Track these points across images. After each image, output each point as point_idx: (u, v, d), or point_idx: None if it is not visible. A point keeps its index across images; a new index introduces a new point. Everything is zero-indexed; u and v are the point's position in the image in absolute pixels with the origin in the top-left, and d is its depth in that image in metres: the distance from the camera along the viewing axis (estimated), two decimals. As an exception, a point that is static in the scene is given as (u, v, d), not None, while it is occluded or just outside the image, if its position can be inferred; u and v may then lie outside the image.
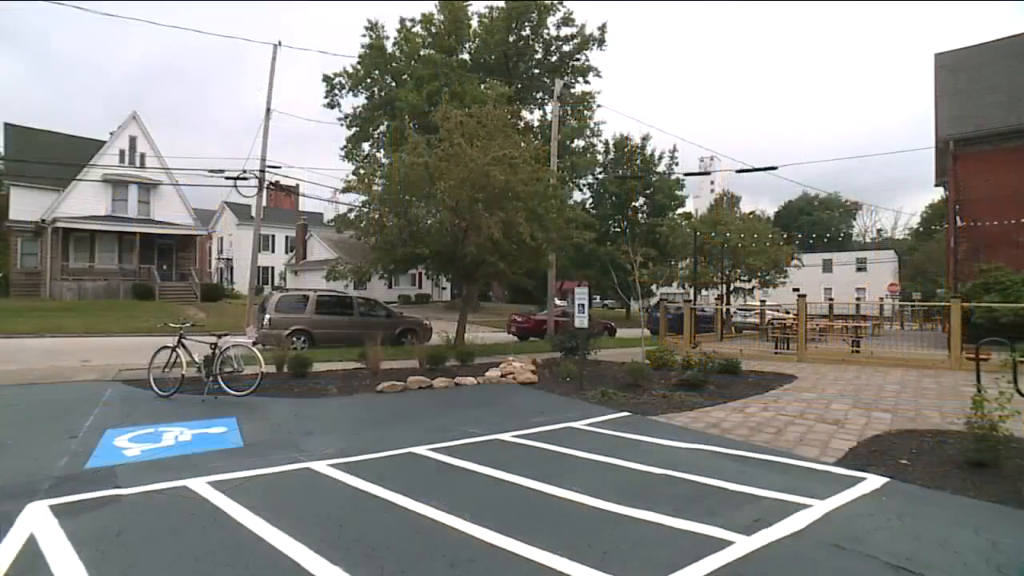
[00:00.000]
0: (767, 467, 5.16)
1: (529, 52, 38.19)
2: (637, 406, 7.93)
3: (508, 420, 6.98)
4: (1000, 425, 5.08)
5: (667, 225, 34.04)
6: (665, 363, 10.79)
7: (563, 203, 15.34)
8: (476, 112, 15.10)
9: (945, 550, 3.45)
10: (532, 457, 5.52)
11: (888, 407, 7.75)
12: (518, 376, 10.28)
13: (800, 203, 73.36)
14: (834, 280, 54.74)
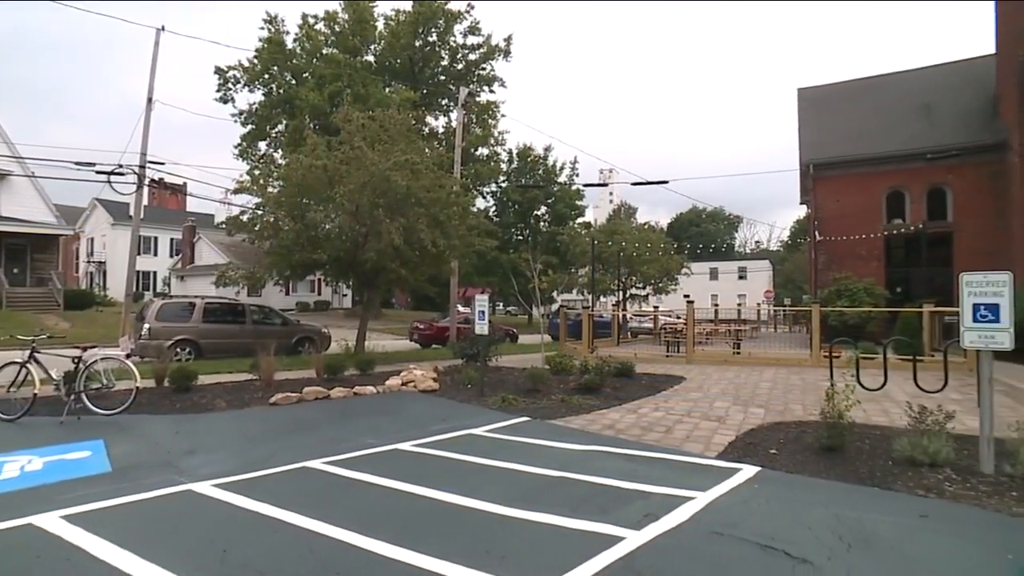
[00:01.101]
0: (657, 464, 5.49)
1: (435, 58, 38.07)
2: (536, 411, 8.11)
3: (408, 429, 6.88)
4: (846, 414, 5.79)
5: (567, 234, 35.35)
6: (564, 368, 11.14)
7: (466, 210, 15.41)
8: (379, 116, 14.83)
9: (802, 526, 3.86)
10: (431, 466, 5.48)
11: (762, 403, 8.51)
12: (419, 384, 10.17)
13: (690, 215, 78.91)
14: (720, 287, 59.34)
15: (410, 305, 55.47)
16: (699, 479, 4.88)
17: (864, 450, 5.71)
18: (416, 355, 16.64)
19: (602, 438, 6.59)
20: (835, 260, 18.33)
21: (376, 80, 33.84)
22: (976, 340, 5.06)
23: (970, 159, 16.80)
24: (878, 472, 5.08)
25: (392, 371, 11.55)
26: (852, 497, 4.53)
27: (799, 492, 4.66)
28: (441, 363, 13.56)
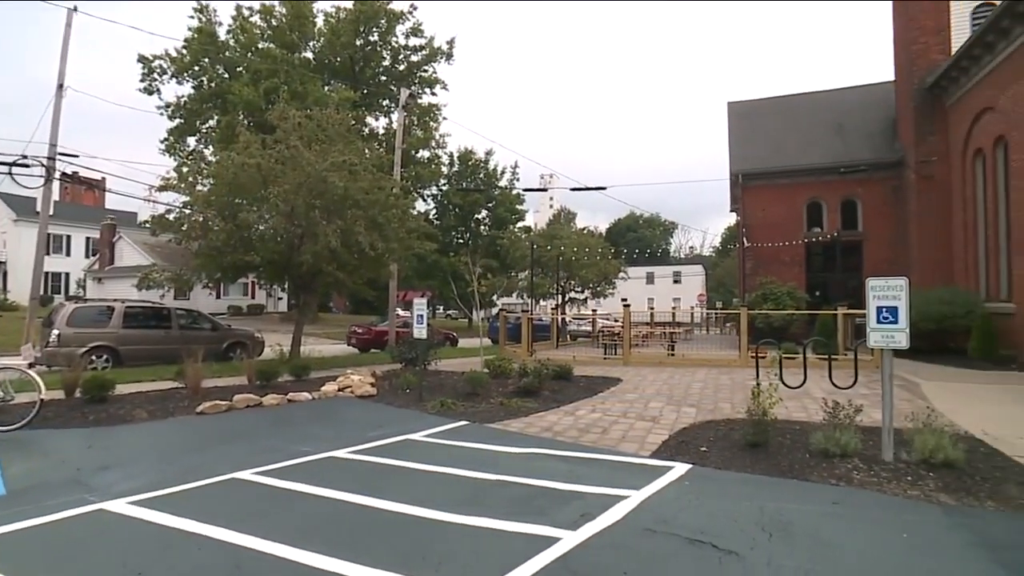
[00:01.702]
0: (594, 465, 5.61)
1: (377, 58, 37.38)
2: (475, 415, 8.11)
3: (344, 436, 6.72)
4: (770, 411, 6.13)
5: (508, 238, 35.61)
6: (503, 371, 11.19)
7: (405, 212, 15.22)
8: (317, 115, 14.43)
9: (729, 519, 4.05)
10: (367, 473, 5.38)
11: (694, 402, 8.85)
12: (356, 390, 9.95)
13: (628, 221, 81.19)
14: (656, 291, 61.34)
15: (348, 309, 54.18)
16: (634, 478, 5.02)
17: (785, 444, 6.05)
18: (354, 360, 16.27)
19: (540, 440, 6.67)
20: (762, 265, 19.38)
21: (315, 78, 32.87)
22: (879, 340, 5.49)
23: (876, 174, 18.21)
24: (797, 465, 5.41)
25: (329, 377, 11.24)
26: (774, 489, 4.79)
27: (727, 487, 4.89)
28: (379, 368, 13.31)
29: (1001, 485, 4.79)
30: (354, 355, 18.52)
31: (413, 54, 37.32)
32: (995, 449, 5.81)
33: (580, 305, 37.26)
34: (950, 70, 14.99)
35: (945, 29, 16.29)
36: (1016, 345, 12.23)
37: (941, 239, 15.92)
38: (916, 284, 15.00)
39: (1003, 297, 13.30)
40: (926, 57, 16.22)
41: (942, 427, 5.68)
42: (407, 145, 29.99)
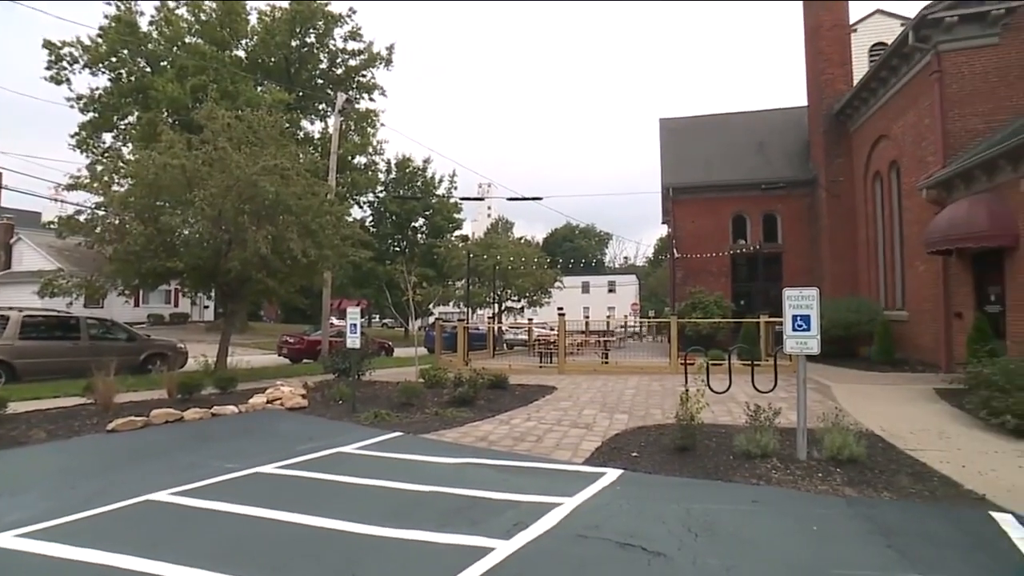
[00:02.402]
0: (527, 473, 5.65)
1: (313, 60, 36.31)
2: (410, 425, 8.00)
3: (272, 450, 6.44)
4: (697, 416, 6.40)
5: (445, 246, 35.44)
6: (438, 381, 11.10)
7: (340, 219, 14.84)
8: (248, 116, 13.86)
9: (658, 522, 4.18)
10: (296, 488, 5.18)
11: (626, 409, 9.09)
12: (286, 402, 9.59)
13: (564, 231, 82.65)
14: (591, 300, 62.58)
15: (280, 318, 52.17)
16: (567, 485, 5.10)
17: (712, 447, 6.33)
18: (285, 371, 15.66)
19: (475, 450, 6.65)
20: (691, 276, 20.25)
21: (247, 78, 31.49)
22: (795, 346, 5.87)
23: (793, 191, 19.49)
24: (722, 466, 5.67)
25: (257, 388, 10.76)
26: (701, 491, 5.00)
27: (656, 490, 5.05)
28: (311, 379, 12.89)
29: (895, 476, 5.23)
30: (285, 366, 17.82)
31: (351, 58, 36.59)
32: (891, 444, 6.34)
33: (517, 314, 37.53)
34: (852, 100, 16.33)
35: (848, 63, 17.77)
36: (909, 349, 13.40)
37: (848, 252, 17.23)
38: (828, 294, 16.23)
39: (898, 306, 14.54)
40: (833, 87, 17.60)
41: (848, 426, 6.14)
42: (343, 151, 29.32)
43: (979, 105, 11.56)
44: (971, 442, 6.39)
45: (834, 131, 17.68)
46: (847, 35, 18.11)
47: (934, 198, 12.16)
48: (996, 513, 4.33)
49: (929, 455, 5.86)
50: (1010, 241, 9.95)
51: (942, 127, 11.81)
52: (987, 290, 10.98)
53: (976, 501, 4.65)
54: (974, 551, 3.72)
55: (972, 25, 11.52)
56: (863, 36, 19.44)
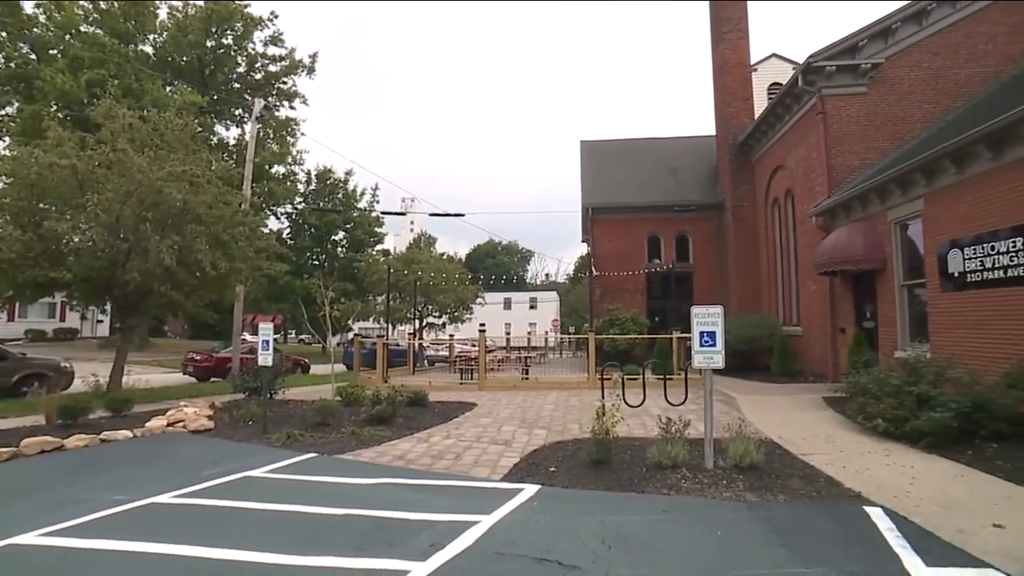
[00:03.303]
0: (445, 492, 5.59)
1: (230, 63, 34.49)
2: (325, 445, 7.72)
3: (171, 478, 5.97)
4: (612, 430, 6.61)
5: (365, 261, 34.64)
6: (356, 399, 10.79)
7: (254, 231, 14.13)
8: (154, 117, 12.97)
9: (573, 536, 4.26)
10: (197, 518, 4.83)
11: (545, 424, 9.22)
12: (190, 424, 8.95)
13: (487, 248, 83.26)
14: (513, 316, 63.19)
15: (187, 333, 48.81)
16: (485, 502, 5.09)
17: (626, 460, 6.53)
18: (190, 390, 14.61)
19: (392, 470, 6.51)
20: (609, 293, 20.97)
21: (154, 76, 29.41)
22: (702, 361, 6.23)
23: (703, 214, 20.78)
24: (635, 478, 5.87)
25: (157, 410, 9.99)
26: (615, 503, 5.15)
27: (573, 504, 5.15)
28: (219, 398, 12.11)
29: (789, 480, 5.66)
30: (190, 385, 16.62)
31: (272, 64, 35.17)
32: (787, 450, 6.85)
33: (438, 330, 37.23)
34: (754, 132, 17.74)
35: (750, 98, 19.33)
36: (804, 361, 14.57)
37: (752, 272, 18.55)
38: (734, 311, 17.37)
39: (794, 321, 15.80)
40: (737, 119, 19.04)
41: (750, 435, 6.58)
42: (260, 159, 28.10)
43: (855, 144, 12.92)
44: (851, 444, 7.03)
45: (739, 160, 19.09)
46: (749, 74, 19.70)
47: (821, 224, 13.39)
48: (868, 507, 4.80)
49: (818, 458, 6.39)
50: (880, 264, 11.14)
51: (827, 161, 13.07)
52: (864, 308, 12.18)
53: (853, 498, 5.13)
54: (851, 543, 4.10)
55: (847, 75, 12.92)
56: (763, 75, 21.25)
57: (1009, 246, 7.93)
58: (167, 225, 11.47)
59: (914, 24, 12.77)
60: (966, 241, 8.75)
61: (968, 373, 7.22)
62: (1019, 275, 7.75)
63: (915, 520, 4.45)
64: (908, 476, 5.64)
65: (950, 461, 6.12)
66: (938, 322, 9.53)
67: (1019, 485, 5.24)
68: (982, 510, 4.63)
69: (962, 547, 3.94)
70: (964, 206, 8.90)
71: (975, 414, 6.63)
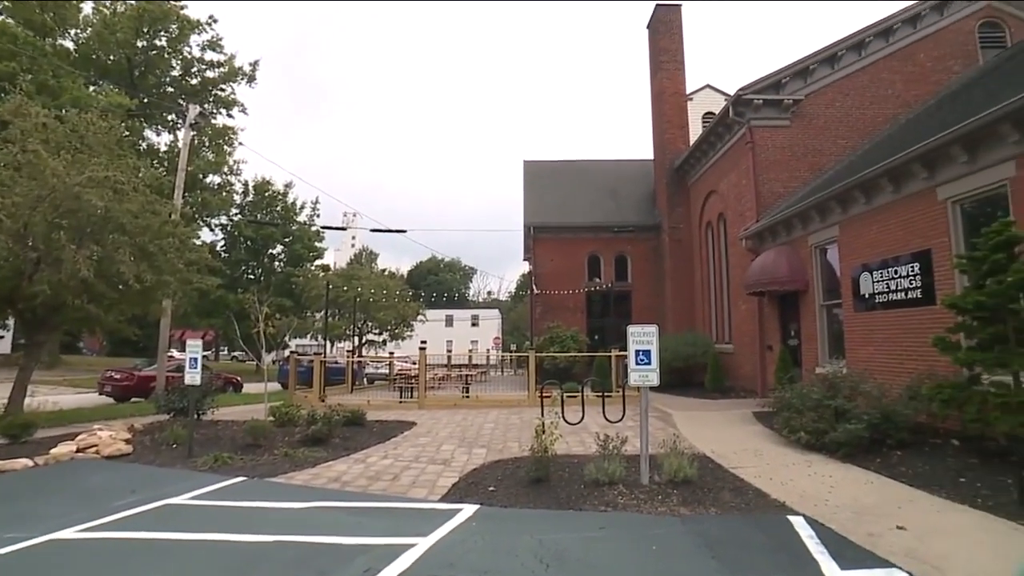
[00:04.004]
0: (382, 514, 5.45)
1: (164, 66, 32.85)
2: (255, 468, 7.38)
3: (77, 510, 5.51)
4: (551, 448, 6.65)
5: (303, 276, 33.64)
6: (291, 419, 10.39)
7: (184, 242, 13.45)
8: (74, 118, 12.16)
9: (511, 555, 4.25)
10: (106, 554, 4.46)
11: (485, 443, 9.17)
12: (104, 449, 8.33)
13: (429, 264, 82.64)
14: (455, 334, 62.75)
15: (105, 350, 45.66)
16: (422, 524, 5.00)
17: (565, 478, 6.59)
18: (106, 412, 13.59)
19: (327, 492, 6.29)
20: (549, 311, 21.23)
21: (75, 74, 27.58)
22: (637, 379, 6.40)
23: (641, 235, 21.49)
24: (573, 496, 5.93)
25: (65, 435, 9.23)
26: (553, 521, 5.18)
27: (511, 524, 5.14)
28: (140, 420, 11.37)
29: (720, 493, 5.87)
30: (107, 406, 15.47)
31: (209, 69, 33.84)
32: (718, 464, 7.11)
33: (378, 348, 36.47)
34: (689, 158, 18.61)
35: (686, 125, 20.30)
36: (736, 377, 15.22)
37: (687, 292, 19.29)
38: (670, 329, 17.97)
39: (726, 339, 16.52)
40: (674, 145, 19.92)
41: (684, 450, 6.79)
42: (194, 168, 26.90)
43: (780, 173, 13.80)
44: (777, 457, 7.38)
45: (675, 183, 19.92)
46: (685, 102, 20.69)
47: (750, 247, 14.14)
48: (792, 516, 5.06)
49: (747, 471, 6.66)
50: (802, 286, 11.88)
51: (755, 188, 13.86)
52: (789, 327, 12.91)
53: (778, 508, 5.38)
54: (776, 552, 4.30)
55: (772, 108, 13.85)
56: (698, 105, 22.39)
57: (908, 270, 8.66)
58: (85, 234, 10.72)
59: (828, 67, 13.87)
60: (874, 265, 9.48)
61: (877, 387, 7.78)
62: (917, 297, 8.47)
63: (832, 526, 4.72)
64: (827, 485, 5.98)
65: (862, 469, 6.55)
66: (852, 339, 10.22)
67: (918, 489, 5.70)
68: (888, 514, 4.98)
69: (872, 549, 4.21)
70: (872, 233, 9.65)
71: (883, 425, 7.14)
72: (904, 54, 13.88)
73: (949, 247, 7.90)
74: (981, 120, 7.03)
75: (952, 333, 6.27)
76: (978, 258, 5.86)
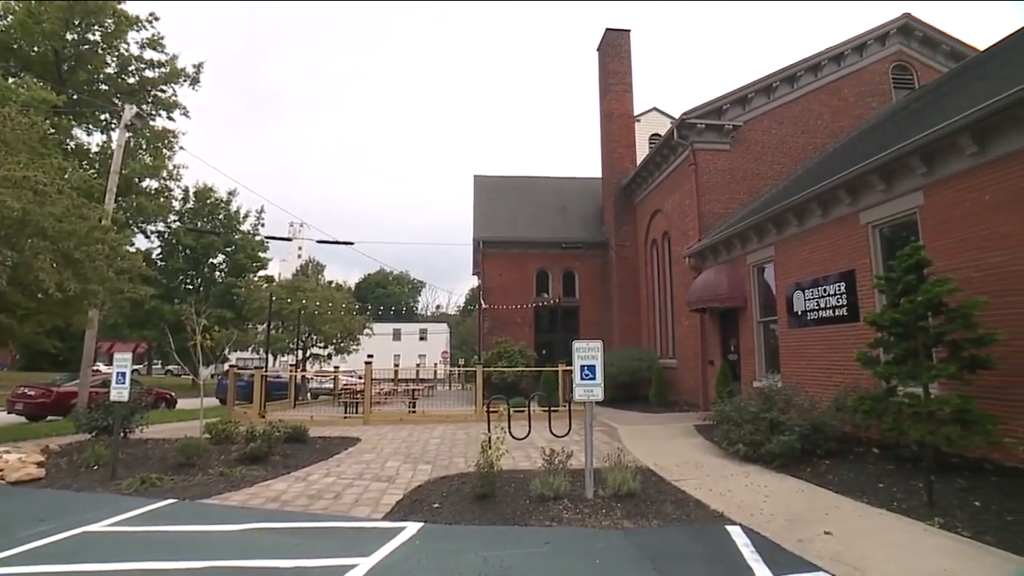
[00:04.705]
0: (323, 535, 5.28)
1: (97, 62, 30.90)
2: (187, 490, 7.00)
3: (-23, 542, 5.06)
4: (497, 463, 6.63)
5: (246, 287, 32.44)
6: (228, 436, 9.93)
7: (115, 249, 12.71)
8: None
9: (455, 575, 4.19)
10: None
11: (431, 459, 9.04)
12: (11, 473, 7.70)
13: (378, 277, 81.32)
14: (402, 348, 61.75)
15: (18, 364, 42.35)
16: (364, 544, 4.87)
17: (510, 493, 6.57)
18: (16, 432, 12.53)
19: (265, 513, 6.03)
20: (498, 326, 21.25)
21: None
22: (583, 394, 6.49)
23: (589, 252, 21.91)
24: (519, 511, 5.92)
25: (-34, 458, 8.46)
26: (498, 537, 5.15)
27: (456, 541, 5.07)
28: (57, 440, 10.60)
29: (662, 506, 6.00)
30: (19, 426, 14.28)
31: (149, 69, 32.10)
32: (661, 477, 7.27)
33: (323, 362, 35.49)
34: (636, 177, 19.19)
35: (633, 146, 20.95)
36: (679, 391, 15.65)
37: (633, 307, 19.76)
38: (617, 344, 18.33)
39: (671, 354, 16.99)
40: (621, 164, 20.51)
41: (628, 464, 6.91)
42: (129, 171, 25.47)
43: (721, 194, 14.44)
44: (717, 468, 7.62)
45: (622, 202, 20.47)
46: (633, 123, 21.37)
47: (693, 265, 14.67)
48: (729, 526, 5.24)
49: (688, 483, 6.85)
50: (741, 303, 12.40)
51: (698, 208, 14.43)
52: (729, 342, 13.42)
53: (717, 518, 5.55)
54: (713, 561, 4.44)
55: (714, 133, 14.53)
56: (645, 125, 23.16)
57: (836, 289, 9.21)
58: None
59: (764, 96, 14.70)
60: (806, 284, 10.02)
61: (809, 399, 8.19)
62: (844, 314, 9.01)
63: (766, 534, 4.91)
64: (762, 495, 6.22)
65: (795, 478, 6.85)
66: (786, 354, 10.73)
67: (843, 495, 6.04)
68: (817, 520, 5.24)
69: (801, 555, 4.42)
70: (804, 253, 10.21)
71: (813, 435, 7.52)
72: (831, 88, 14.89)
73: (871, 268, 8.46)
74: (894, 153, 7.62)
75: (872, 348, 6.71)
76: (894, 279, 6.30)
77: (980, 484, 5.77)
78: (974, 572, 3.99)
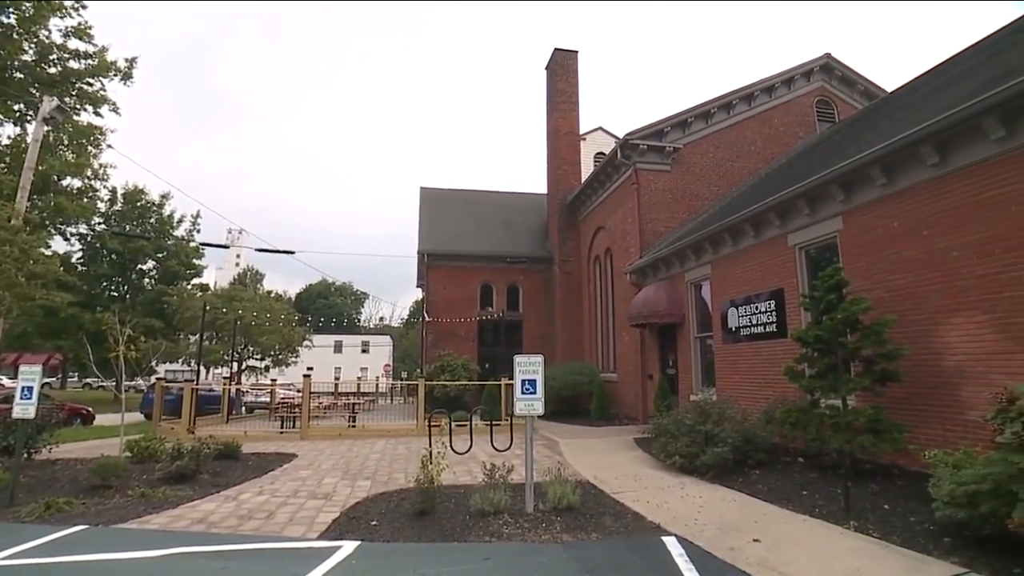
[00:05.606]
0: (252, 557, 5.03)
1: (11, 47, 28.78)
2: (101, 514, 6.49)
3: None
4: (437, 479, 6.53)
5: (178, 295, 30.81)
6: (152, 454, 9.32)
7: (26, 252, 11.80)
8: None
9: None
10: None
11: (370, 475, 8.82)
12: None
13: (320, 287, 79.06)
14: (344, 360, 60.20)
15: (-97, 378, 38.15)
16: (297, 565, 4.68)
17: (450, 509, 6.48)
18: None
19: (189, 536, 5.68)
20: (441, 339, 21.09)
21: None
22: (523, 408, 6.51)
23: (533, 266, 22.17)
24: (459, 527, 5.84)
25: None
26: (437, 555, 5.06)
27: (393, 560, 4.95)
28: (-51, 462, 9.59)
29: (601, 518, 6.07)
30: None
31: (74, 60, 30.17)
32: (601, 490, 7.37)
33: (260, 374, 34.05)
34: (580, 194, 19.63)
35: (579, 163, 21.45)
36: (620, 405, 15.97)
37: (576, 322, 20.08)
38: (560, 359, 18.54)
39: (611, 369, 17.34)
40: (566, 181, 20.93)
41: (568, 477, 6.96)
42: (47, 167, 23.78)
43: (661, 213, 14.99)
44: (655, 480, 7.80)
45: (567, 218, 20.85)
46: (578, 141, 21.90)
47: (634, 281, 15.09)
48: (665, 537, 5.35)
49: (627, 496, 6.97)
50: (679, 319, 12.85)
51: (639, 226, 14.90)
52: (668, 357, 13.85)
53: (654, 529, 5.67)
54: (650, 571, 4.53)
55: (655, 154, 15.12)
56: (590, 144, 23.78)
57: (766, 307, 9.71)
58: None
59: (703, 121, 15.44)
60: (740, 301, 10.50)
61: (741, 412, 8.55)
62: (773, 331, 9.50)
63: (700, 544, 5.06)
64: (697, 505, 6.41)
65: (728, 488, 7.11)
66: (721, 368, 11.18)
67: (771, 503, 6.33)
68: (747, 528, 5.45)
69: (732, 562, 4.58)
70: (738, 272, 10.72)
71: (745, 447, 7.85)
72: (763, 118, 15.83)
73: (797, 287, 8.98)
74: (817, 180, 8.18)
75: (798, 363, 7.10)
76: (817, 297, 6.72)
77: (889, 488, 6.21)
78: (881, 571, 4.28)
